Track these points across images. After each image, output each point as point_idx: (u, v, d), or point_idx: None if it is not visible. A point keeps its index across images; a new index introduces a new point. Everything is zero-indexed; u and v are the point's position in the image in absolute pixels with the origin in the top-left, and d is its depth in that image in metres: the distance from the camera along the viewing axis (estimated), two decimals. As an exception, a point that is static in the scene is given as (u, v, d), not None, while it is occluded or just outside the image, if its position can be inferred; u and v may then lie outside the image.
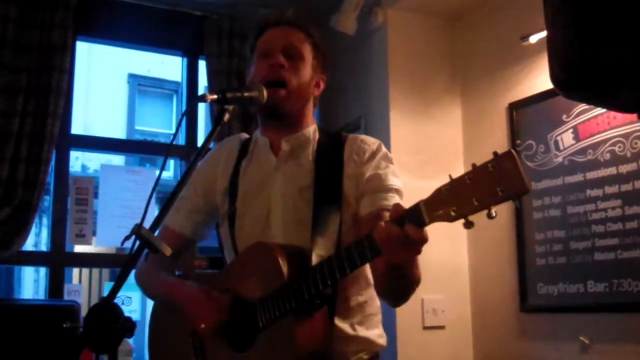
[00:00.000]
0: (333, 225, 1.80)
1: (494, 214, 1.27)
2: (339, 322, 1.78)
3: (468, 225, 1.31)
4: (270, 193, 1.89)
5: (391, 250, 1.44)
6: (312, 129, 2.00)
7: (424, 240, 1.41)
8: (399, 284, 1.71)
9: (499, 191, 1.25)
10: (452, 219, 1.33)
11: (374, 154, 1.90)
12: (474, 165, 1.29)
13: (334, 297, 1.74)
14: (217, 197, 1.99)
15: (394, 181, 1.88)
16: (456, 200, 1.31)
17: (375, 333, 1.88)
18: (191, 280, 1.91)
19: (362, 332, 1.84)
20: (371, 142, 1.94)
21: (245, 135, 2.10)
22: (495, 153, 1.26)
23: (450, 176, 1.34)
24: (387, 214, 1.76)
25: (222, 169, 1.99)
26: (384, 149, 1.94)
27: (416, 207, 1.39)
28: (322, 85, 2.02)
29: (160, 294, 1.99)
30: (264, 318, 1.67)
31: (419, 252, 1.45)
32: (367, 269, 1.86)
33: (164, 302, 1.98)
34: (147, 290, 2.05)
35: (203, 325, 1.74)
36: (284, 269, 1.66)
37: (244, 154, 2.00)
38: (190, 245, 2.09)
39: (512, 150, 1.26)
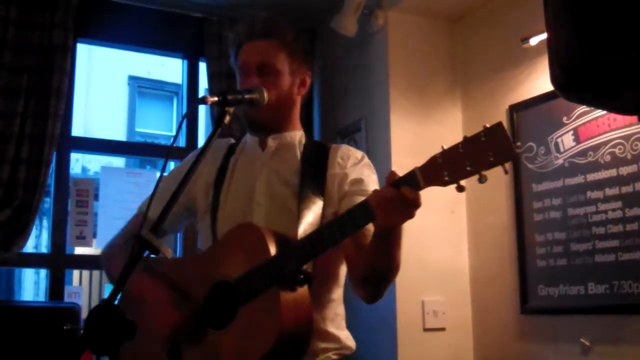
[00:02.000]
0: (315, 218, 1.83)
1: (484, 179, 1.40)
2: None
3: (460, 189, 1.45)
4: (255, 184, 1.92)
5: (385, 211, 1.52)
6: (299, 133, 2.03)
7: (418, 202, 1.51)
8: (380, 264, 1.72)
9: (490, 156, 1.39)
10: (445, 183, 1.46)
11: (359, 161, 1.97)
12: (465, 136, 1.43)
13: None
14: (198, 190, 2.00)
15: (374, 188, 1.91)
16: (450, 166, 1.44)
17: (344, 334, 1.90)
18: (162, 271, 1.89)
19: (331, 328, 1.86)
20: (356, 151, 2.02)
21: (232, 140, 2.13)
22: (485, 125, 1.41)
23: (442, 146, 1.48)
24: None
25: (209, 164, 2.00)
26: (367, 159, 2.01)
27: (411, 172, 1.51)
28: (308, 81, 2.04)
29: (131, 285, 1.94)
30: (247, 292, 1.67)
31: (412, 215, 1.53)
32: (340, 268, 1.90)
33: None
34: (109, 272, 2.02)
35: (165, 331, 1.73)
36: (271, 244, 1.68)
37: (231, 153, 2.04)
38: (161, 234, 2.08)
39: (501, 122, 1.41)
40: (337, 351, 1.86)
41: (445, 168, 1.45)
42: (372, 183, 1.94)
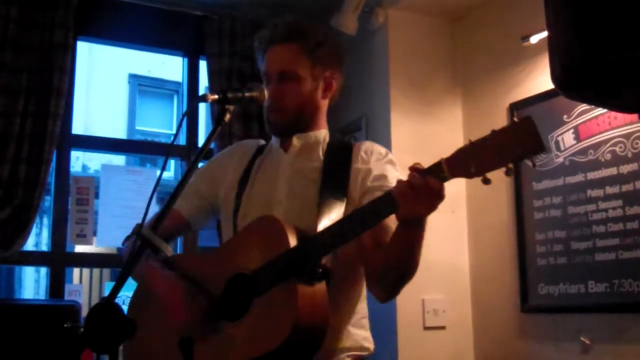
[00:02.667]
0: (336, 216, 1.81)
1: (510, 172, 1.41)
2: None
3: (486, 181, 1.44)
4: (277, 184, 1.93)
5: (409, 200, 1.52)
6: (323, 132, 2.03)
7: (442, 193, 1.51)
8: (400, 261, 1.72)
9: (518, 148, 1.38)
10: (471, 175, 1.45)
11: (382, 157, 1.96)
12: (493, 130, 1.42)
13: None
14: (222, 188, 2.01)
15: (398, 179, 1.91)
16: (476, 158, 1.43)
17: (362, 334, 1.89)
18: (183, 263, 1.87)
19: (349, 327, 1.85)
20: (380, 147, 2.02)
21: (262, 142, 2.15)
22: (514, 119, 1.40)
23: (469, 139, 1.45)
24: None
25: (236, 163, 2.03)
26: (391, 156, 2.00)
27: (438, 163, 1.50)
28: (334, 84, 2.05)
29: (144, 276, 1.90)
30: (264, 282, 1.66)
31: (435, 206, 1.54)
32: (359, 266, 1.88)
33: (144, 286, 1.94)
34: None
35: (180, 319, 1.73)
36: (291, 236, 1.67)
37: (259, 154, 2.05)
38: (185, 229, 2.09)
39: (530, 116, 1.39)
40: (352, 352, 1.84)
41: (472, 160, 1.44)
42: (395, 180, 1.89)
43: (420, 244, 1.67)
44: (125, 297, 3.75)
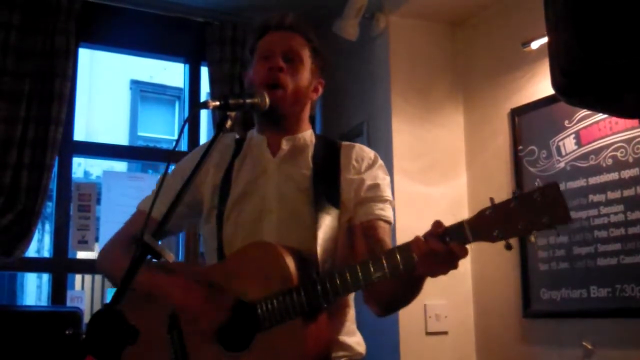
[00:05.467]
0: (332, 228, 1.80)
1: (533, 240, 1.40)
2: None
3: (509, 246, 1.43)
4: (266, 192, 1.88)
5: (429, 264, 1.50)
6: (309, 133, 2.00)
7: (465, 254, 1.48)
8: (405, 293, 1.73)
9: (544, 218, 1.37)
10: (494, 239, 1.44)
11: (373, 163, 1.94)
12: (517, 192, 1.42)
13: None
14: (205, 191, 1.95)
15: (389, 193, 1.92)
16: (500, 222, 1.42)
17: (354, 340, 1.88)
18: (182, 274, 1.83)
19: (342, 336, 1.84)
20: (369, 150, 1.99)
21: (237, 135, 2.07)
22: (539, 184, 1.37)
23: (492, 199, 1.45)
24: (381, 223, 1.84)
25: (215, 164, 1.96)
26: (380, 160, 1.98)
27: (460, 226, 1.48)
28: (320, 90, 2.02)
29: (142, 286, 1.81)
30: (268, 319, 1.64)
31: (456, 267, 1.50)
32: None
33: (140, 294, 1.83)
34: (113, 278, 1.96)
35: (204, 327, 1.70)
36: (292, 270, 1.65)
37: (237, 152, 1.98)
38: (164, 234, 2.04)
39: (556, 182, 1.39)
40: (347, 356, 1.83)
41: (496, 224, 1.43)
42: (387, 187, 1.92)
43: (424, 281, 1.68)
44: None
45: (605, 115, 2.80)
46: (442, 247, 1.46)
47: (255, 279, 1.70)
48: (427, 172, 3.46)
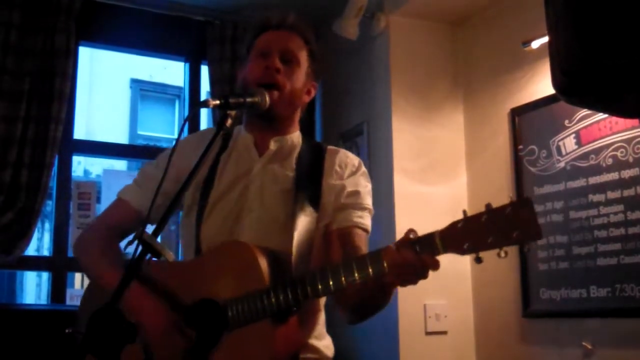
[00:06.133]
0: (309, 231, 1.79)
1: (503, 255, 1.38)
2: None
3: (478, 260, 1.42)
4: (248, 190, 1.87)
5: (399, 274, 1.49)
6: (297, 135, 1.99)
7: (437, 266, 1.48)
8: (375, 300, 1.72)
9: (514, 234, 1.36)
10: (464, 252, 1.43)
11: (356, 170, 1.93)
12: (489, 205, 1.40)
13: None
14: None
15: (369, 201, 1.91)
16: (471, 235, 1.41)
17: (323, 343, 1.87)
18: (151, 278, 1.79)
19: (312, 340, 1.83)
20: (353, 157, 1.98)
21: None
22: (511, 199, 1.38)
23: (464, 212, 1.44)
24: (358, 231, 1.84)
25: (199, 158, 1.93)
26: (363, 167, 1.97)
27: (431, 237, 1.46)
28: (313, 93, 2.01)
29: (105, 283, 1.81)
30: (237, 319, 1.63)
31: (426, 277, 1.50)
32: None
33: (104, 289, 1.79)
34: (87, 269, 1.97)
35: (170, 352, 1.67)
36: (265, 271, 1.65)
37: (223, 148, 1.97)
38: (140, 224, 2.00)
39: (529, 198, 1.39)
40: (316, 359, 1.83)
41: (467, 237, 1.42)
42: (368, 195, 1.91)
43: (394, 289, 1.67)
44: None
45: (606, 115, 2.80)
46: (413, 258, 1.46)
47: (229, 279, 1.70)
48: (427, 172, 3.46)
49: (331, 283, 1.58)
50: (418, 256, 1.46)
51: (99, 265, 1.91)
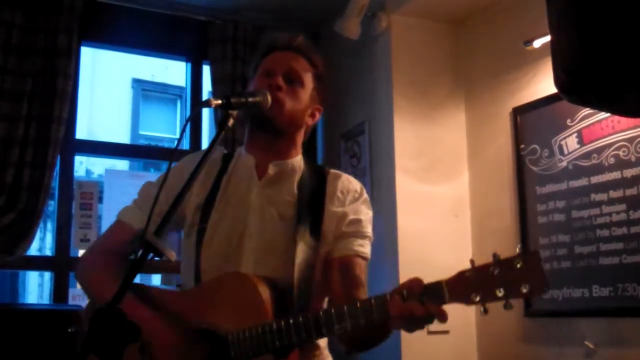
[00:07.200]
0: (310, 258, 1.78)
1: (509, 307, 1.40)
2: None
3: (485, 311, 1.42)
4: (248, 215, 1.85)
5: (404, 323, 1.49)
6: (298, 159, 1.95)
7: (445, 318, 1.45)
8: (374, 335, 1.72)
9: (524, 287, 1.38)
10: (471, 303, 1.42)
11: (358, 197, 1.91)
12: (496, 256, 1.41)
13: None
14: (188, 208, 1.91)
15: (369, 229, 1.90)
16: (480, 287, 1.41)
17: None
18: (152, 302, 1.79)
19: None
20: (355, 183, 1.95)
21: (224, 150, 2.05)
22: (521, 250, 1.40)
23: (472, 262, 1.44)
24: (359, 260, 1.83)
25: (202, 182, 1.91)
26: (365, 193, 1.95)
27: (438, 286, 1.46)
28: (317, 116, 1.98)
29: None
30: (238, 353, 1.63)
31: (431, 323, 1.48)
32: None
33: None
34: (92, 297, 1.95)
35: None
36: (268, 305, 1.64)
37: (224, 169, 1.95)
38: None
39: (537, 251, 1.41)
40: None
41: (475, 288, 1.42)
42: (369, 223, 1.89)
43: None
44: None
45: (608, 114, 2.80)
46: (419, 310, 1.45)
47: (230, 311, 1.68)
48: (429, 171, 3.46)
49: (336, 328, 1.57)
50: (424, 307, 1.45)
51: (102, 294, 1.84)
